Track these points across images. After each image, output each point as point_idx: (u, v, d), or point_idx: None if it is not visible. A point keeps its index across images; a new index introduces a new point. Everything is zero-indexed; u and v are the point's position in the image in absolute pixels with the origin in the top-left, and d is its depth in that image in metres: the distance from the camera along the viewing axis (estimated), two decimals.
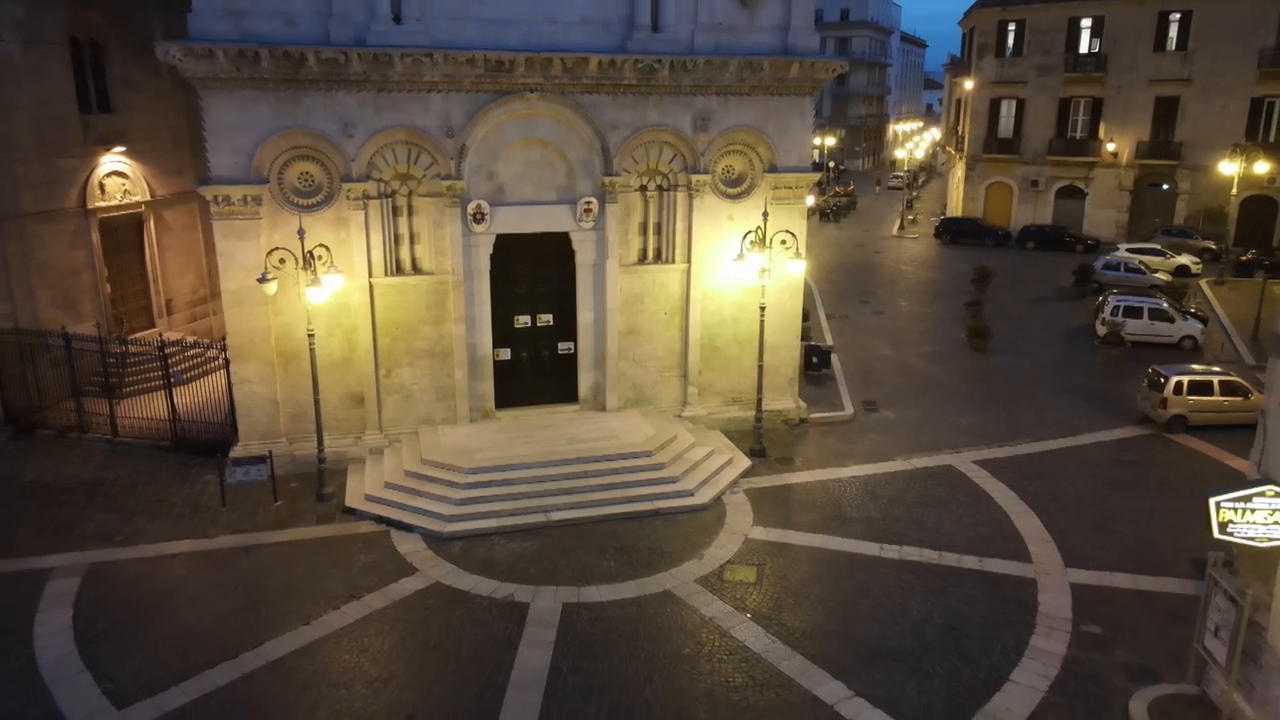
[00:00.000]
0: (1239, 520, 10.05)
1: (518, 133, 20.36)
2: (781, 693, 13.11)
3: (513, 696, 12.91)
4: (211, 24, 18.00)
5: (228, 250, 19.10)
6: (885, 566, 16.68)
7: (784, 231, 20.98)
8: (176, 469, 20.54)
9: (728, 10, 20.90)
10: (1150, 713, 12.59)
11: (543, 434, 20.84)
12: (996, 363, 28.95)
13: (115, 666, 13.49)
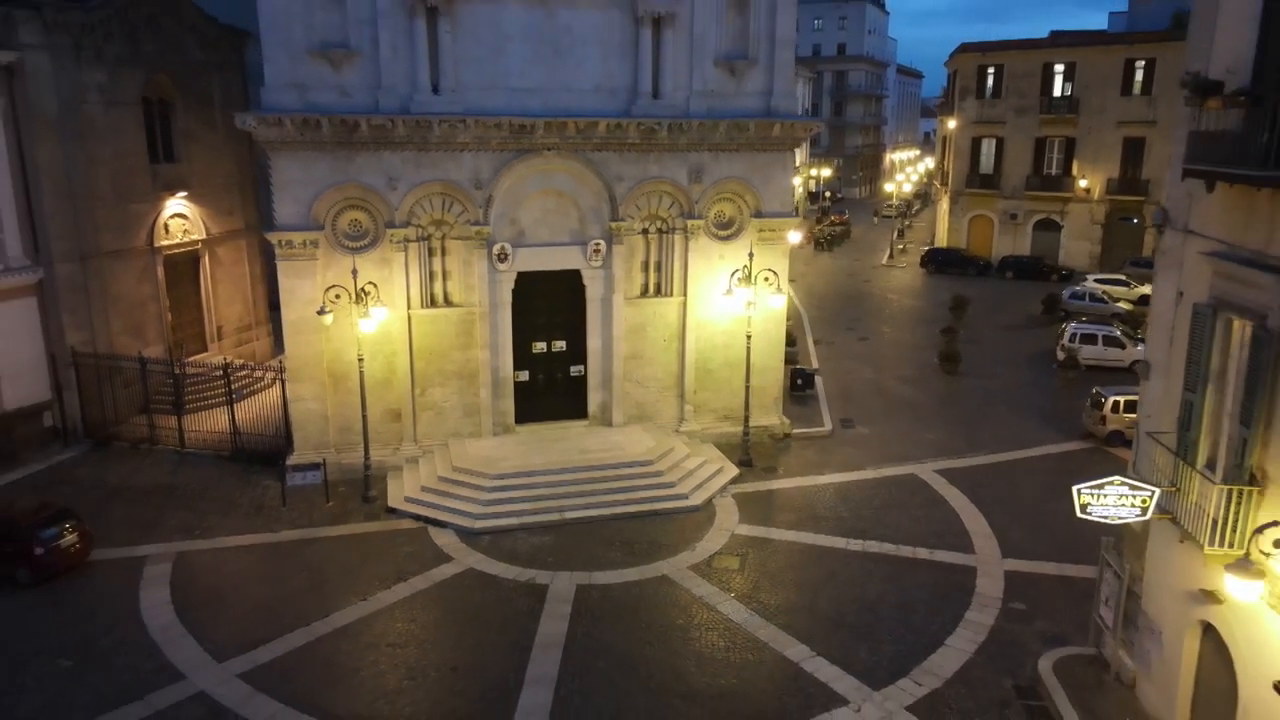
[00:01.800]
0: (1095, 503, 12.97)
1: (537, 185, 23.59)
2: (757, 654, 16.05)
3: (537, 654, 15.86)
4: (280, 96, 21.27)
5: (289, 286, 22.26)
6: (850, 557, 19.64)
7: (767, 270, 24.14)
8: (238, 475, 23.60)
9: (718, 79, 24.17)
10: (1055, 669, 15.50)
11: (557, 445, 23.88)
12: (964, 384, 31.98)
13: (211, 631, 16.48)
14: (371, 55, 21.73)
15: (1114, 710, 14.28)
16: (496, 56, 22.58)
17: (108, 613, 17.13)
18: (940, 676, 15.38)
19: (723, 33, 24.01)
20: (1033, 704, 14.67)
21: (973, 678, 15.36)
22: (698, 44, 23.71)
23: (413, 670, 15.52)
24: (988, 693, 14.95)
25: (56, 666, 15.42)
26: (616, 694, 14.85)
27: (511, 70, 22.73)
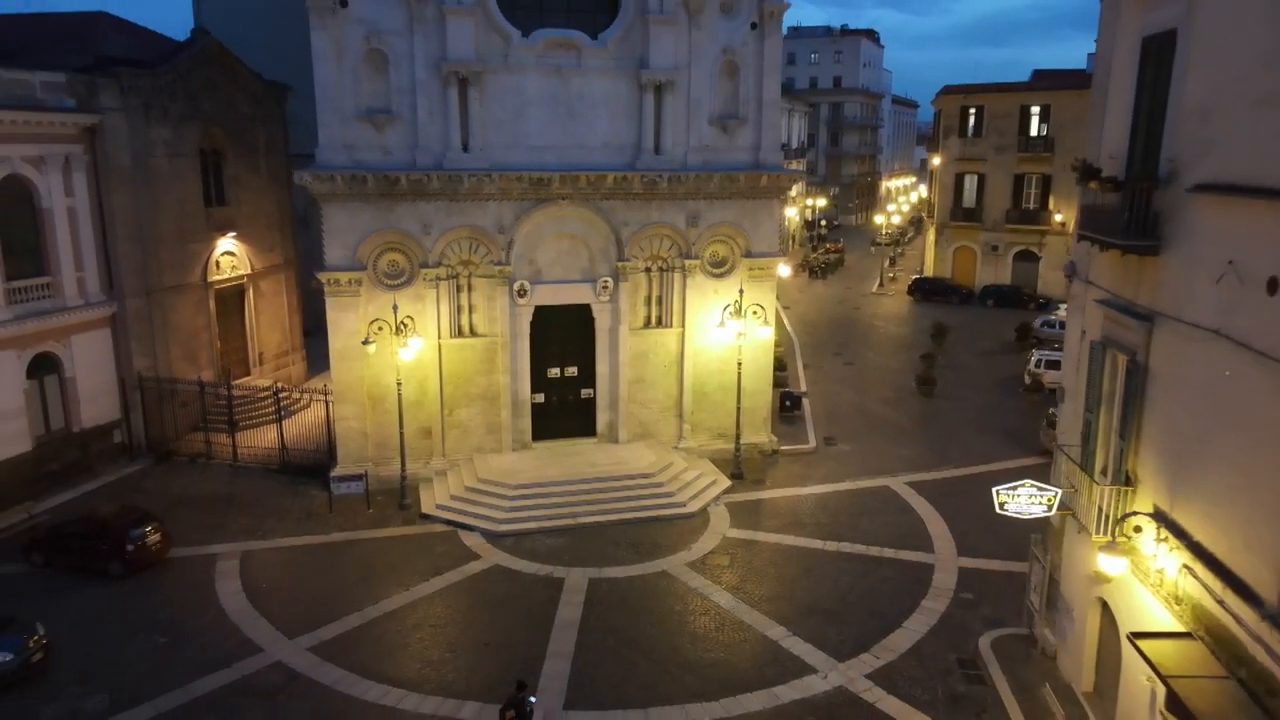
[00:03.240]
0: (1011, 501, 15.91)
1: (552, 229, 26.79)
2: (742, 633, 18.99)
3: (556, 633, 18.81)
4: (332, 155, 24.52)
5: (335, 319, 25.39)
6: (826, 556, 22.61)
7: (756, 304, 27.28)
8: (287, 486, 26.62)
9: (713, 136, 27.42)
10: (992, 646, 18.44)
11: (570, 460, 26.91)
12: (938, 406, 35.00)
13: (280, 614, 19.45)
14: (410, 119, 24.99)
15: (1036, 678, 17.20)
16: (518, 119, 25.86)
17: (190, 599, 20.13)
18: (896, 651, 18.31)
19: (716, 96, 27.29)
20: (971, 673, 17.59)
21: (923, 653, 18.30)
22: (694, 106, 26.99)
23: (451, 645, 18.48)
24: (935, 664, 17.88)
25: (154, 642, 18.40)
26: (623, 665, 17.78)
27: (531, 131, 26.00)
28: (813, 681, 17.27)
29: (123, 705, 16.33)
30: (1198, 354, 12.25)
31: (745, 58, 27.21)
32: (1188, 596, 12.31)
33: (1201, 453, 12.25)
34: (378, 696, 16.68)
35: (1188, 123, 12.86)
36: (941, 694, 16.94)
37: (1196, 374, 12.34)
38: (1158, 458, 13.58)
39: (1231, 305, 11.47)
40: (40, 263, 25.18)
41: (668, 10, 25.93)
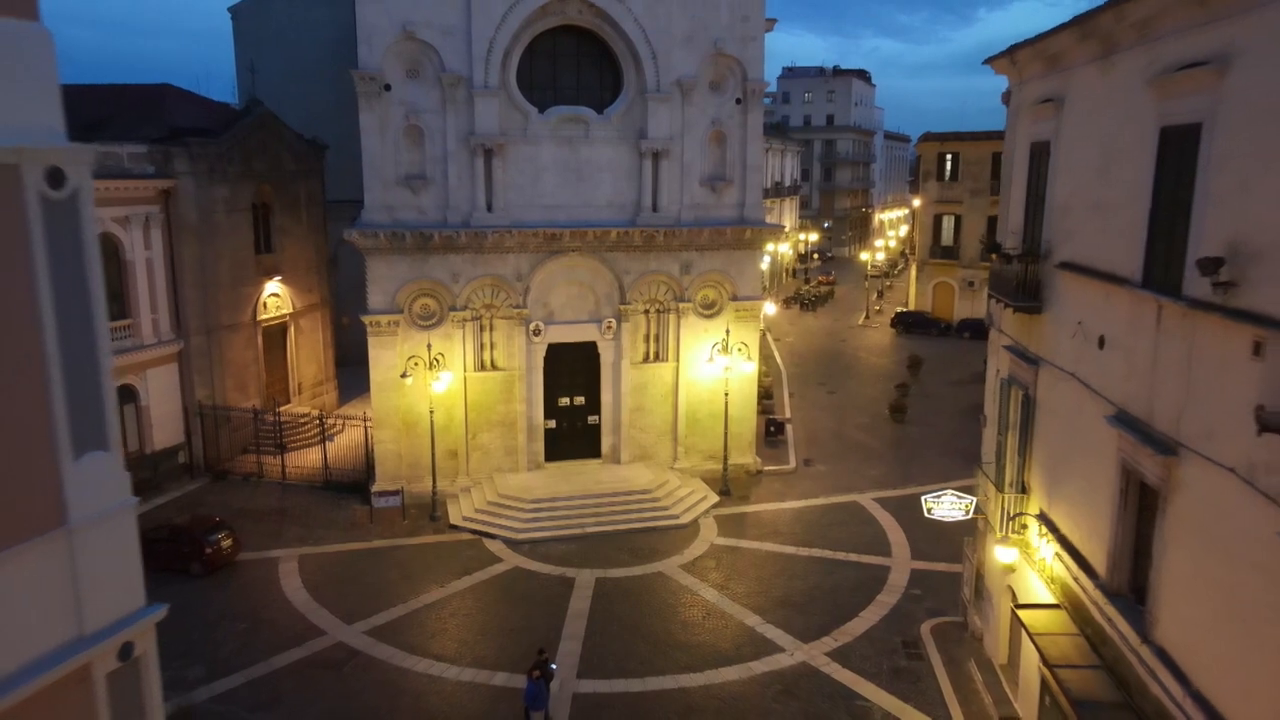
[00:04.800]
0: (936, 507, 19.68)
1: (563, 277, 30.80)
2: (724, 621, 22.72)
3: (569, 621, 22.55)
4: (375, 215, 28.59)
5: (376, 356, 29.31)
6: (798, 559, 26.36)
7: (741, 342, 31.24)
8: (331, 500, 30.42)
9: (703, 195, 31.51)
10: (931, 631, 22.18)
11: (578, 478, 30.73)
12: (908, 431, 38.84)
13: (338, 605, 23.21)
14: (442, 184, 29.09)
15: (964, 654, 20.93)
16: (535, 183, 29.97)
17: (260, 594, 23.89)
18: (852, 635, 22.05)
19: (706, 161, 31.43)
20: (912, 652, 21.31)
21: (874, 636, 22.03)
22: (687, 170, 31.11)
23: (482, 629, 22.23)
24: (883, 645, 21.60)
25: (235, 627, 22.15)
26: (625, 645, 21.51)
27: (546, 192, 30.11)
28: (781, 658, 20.99)
29: (218, 674, 20.07)
30: (1063, 391, 16.16)
31: (731, 128, 31.38)
32: (1058, 577, 16.12)
33: (1065, 466, 16.13)
34: (424, 668, 20.43)
35: (1055, 215, 16.90)
36: (886, 668, 20.65)
37: (1062, 406, 16.24)
38: (1041, 471, 17.45)
39: (1080, 355, 15.40)
40: (124, 307, 29.18)
41: (664, 90, 30.12)
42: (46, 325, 6.32)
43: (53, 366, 6.36)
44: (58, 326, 6.40)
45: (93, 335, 6.69)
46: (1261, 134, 10.21)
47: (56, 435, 6.48)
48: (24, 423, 6.27)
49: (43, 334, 6.31)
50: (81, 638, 6.80)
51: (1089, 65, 15.43)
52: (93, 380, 6.67)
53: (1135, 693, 12.82)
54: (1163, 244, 12.55)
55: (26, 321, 6.20)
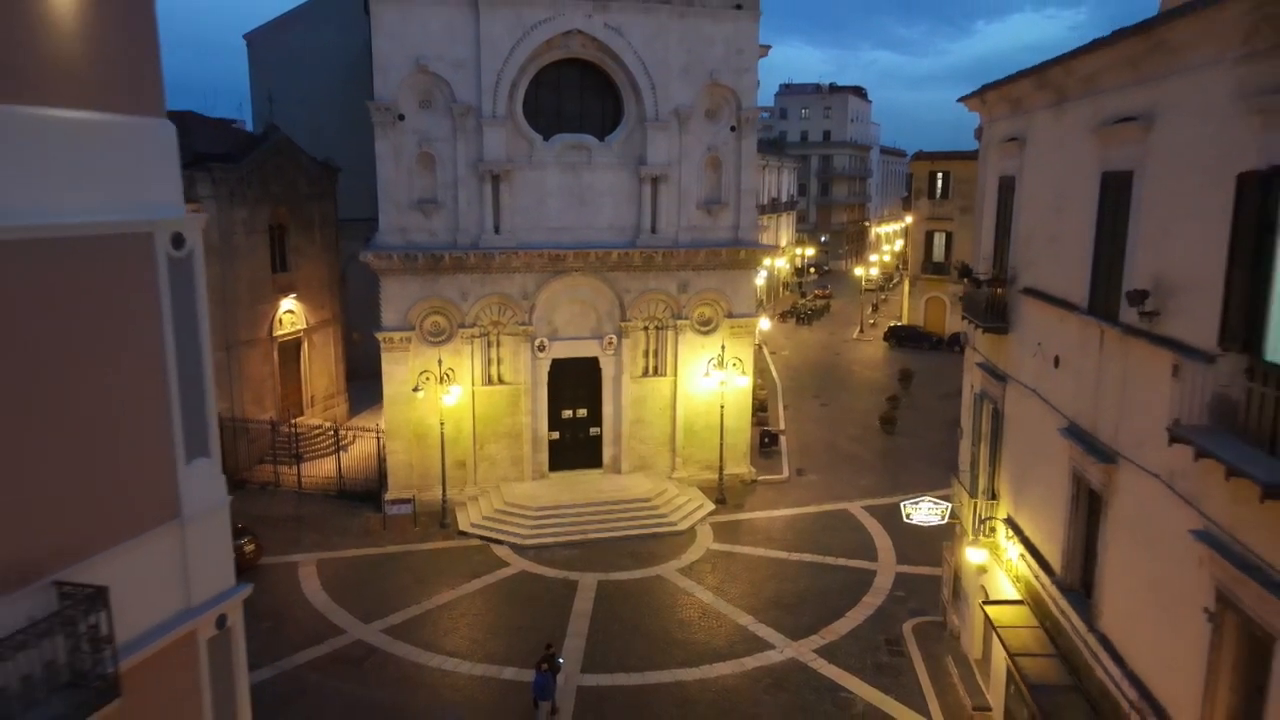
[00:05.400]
0: (915, 513, 21.18)
1: (567, 295, 32.39)
2: (719, 621, 24.19)
3: (573, 620, 24.02)
4: (389, 238, 30.20)
5: (389, 370, 30.84)
6: (789, 564, 27.84)
7: (735, 357, 32.80)
8: (345, 508, 31.90)
9: (699, 218, 33.13)
10: (913, 629, 23.66)
11: (580, 487, 32.22)
12: (897, 442, 40.36)
13: (356, 606, 24.67)
14: (452, 208, 30.70)
15: (942, 651, 22.40)
16: (539, 206, 31.59)
17: (283, 596, 25.35)
18: (838, 634, 23.52)
19: (702, 185, 33.07)
20: (894, 649, 22.78)
21: (859, 634, 23.50)
22: (684, 194, 32.74)
23: (492, 628, 23.70)
24: (868, 643, 23.07)
25: (261, 626, 23.56)
26: (626, 642, 22.98)
27: (550, 215, 31.72)
28: (772, 655, 22.45)
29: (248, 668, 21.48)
30: (1027, 405, 17.71)
31: (726, 154, 33.04)
32: (1022, 575, 17.62)
33: (1029, 474, 17.66)
34: (438, 664, 21.89)
35: (1019, 244, 18.49)
36: (870, 664, 22.12)
37: (1026, 419, 17.79)
38: (1009, 478, 18.98)
39: (1039, 373, 16.96)
40: None
41: (662, 118, 31.78)
42: (169, 355, 7.86)
43: (173, 388, 7.88)
44: (178, 357, 7.93)
45: (201, 363, 8.22)
46: (1176, 185, 11.81)
47: (175, 444, 7.99)
48: (152, 433, 7.76)
49: (167, 362, 7.84)
50: (189, 609, 8.29)
51: (1046, 110, 17.06)
52: (201, 399, 8.18)
53: (1083, 676, 14.32)
54: (1104, 275, 14.13)
55: (157, 353, 7.72)
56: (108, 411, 7.57)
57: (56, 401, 7.11)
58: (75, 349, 7.22)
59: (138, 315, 7.69)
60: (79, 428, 7.34)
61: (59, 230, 6.82)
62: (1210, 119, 10.98)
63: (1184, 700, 11.24)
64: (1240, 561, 9.92)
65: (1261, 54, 9.91)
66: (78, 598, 6.86)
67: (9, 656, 6.35)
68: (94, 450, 7.47)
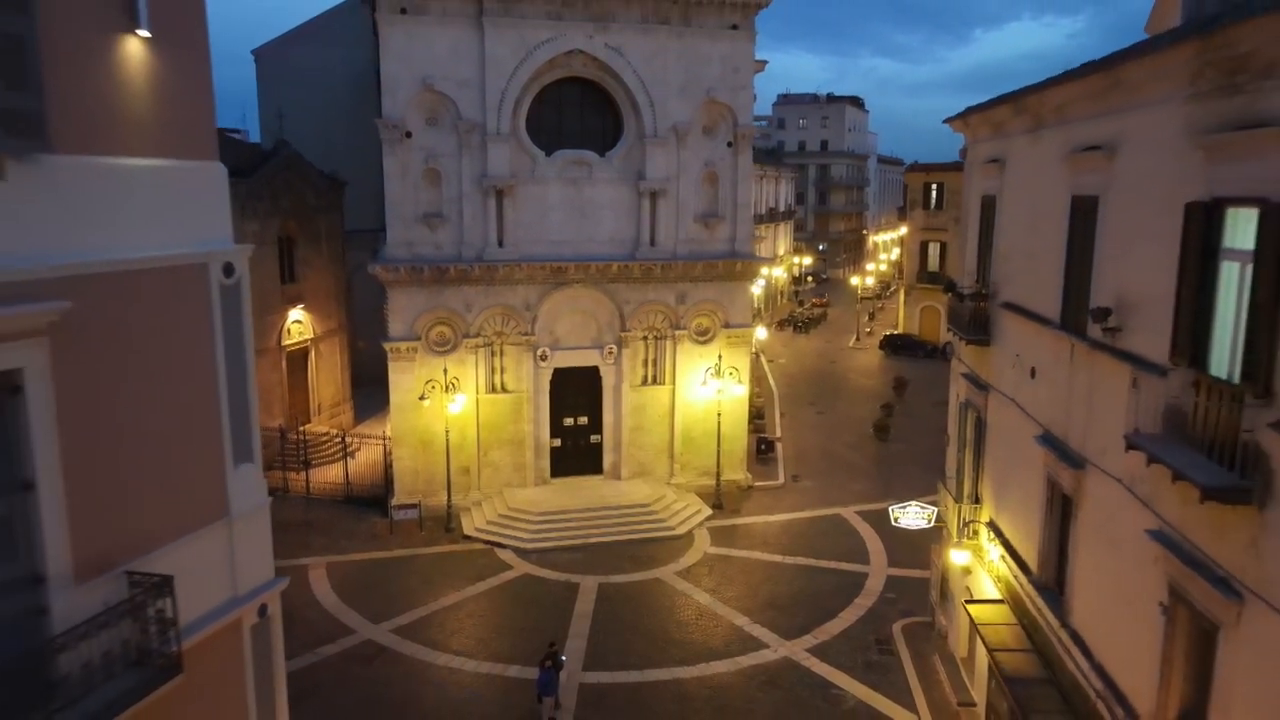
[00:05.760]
0: (903, 517, 22.08)
1: (568, 306, 33.35)
2: (716, 621, 25.09)
3: (575, 621, 24.90)
4: (396, 251, 31.16)
5: (396, 379, 31.77)
6: (784, 567, 28.74)
7: (732, 366, 33.77)
8: (353, 513, 32.80)
9: (697, 231, 34.12)
10: (902, 629, 24.56)
11: (581, 493, 33.13)
12: (891, 449, 41.29)
13: (365, 607, 25.56)
14: (457, 222, 31.68)
15: (930, 650, 23.30)
16: (541, 220, 32.58)
17: (294, 597, 26.18)
18: (830, 634, 24.42)
19: (699, 199, 34.07)
20: (884, 649, 23.68)
21: (851, 634, 24.39)
22: (682, 208, 33.73)
23: (497, 629, 24.59)
24: (858, 642, 23.97)
25: None
26: (626, 642, 23.87)
27: (552, 229, 32.71)
28: (766, 653, 23.35)
29: None
30: (1007, 414, 18.65)
31: (723, 169, 34.04)
32: (1002, 575, 18.54)
33: (1009, 479, 18.59)
34: (445, 662, 22.78)
35: (999, 260, 19.46)
36: (860, 662, 23.02)
37: (1006, 427, 18.72)
38: (991, 483, 19.91)
39: (1018, 383, 17.90)
40: None
41: (661, 135, 32.79)
42: (220, 371, 8.78)
43: (223, 400, 8.79)
44: (227, 372, 8.85)
45: (247, 377, 9.15)
46: (1135, 211, 12.79)
47: (224, 450, 8.90)
48: (206, 440, 8.68)
49: (218, 377, 8.76)
50: (235, 598, 9.19)
51: (1023, 135, 18.05)
52: (246, 409, 9.10)
53: (1056, 669, 15.23)
54: (1074, 292, 15.10)
55: (210, 368, 8.65)
56: (170, 421, 8.50)
57: (129, 412, 8.04)
58: (144, 366, 8.16)
59: (194, 336, 8.62)
60: (147, 435, 8.27)
61: (132, 264, 7.76)
62: (1163, 151, 11.95)
63: (1143, 689, 12.16)
64: (1188, 558, 10.86)
65: (1205, 94, 10.89)
66: (146, 585, 7.77)
67: (93, 635, 7.27)
68: (159, 455, 8.39)
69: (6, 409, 6.79)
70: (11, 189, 6.53)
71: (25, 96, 6.45)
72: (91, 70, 7.22)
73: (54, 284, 6.89)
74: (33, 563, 7.02)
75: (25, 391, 6.78)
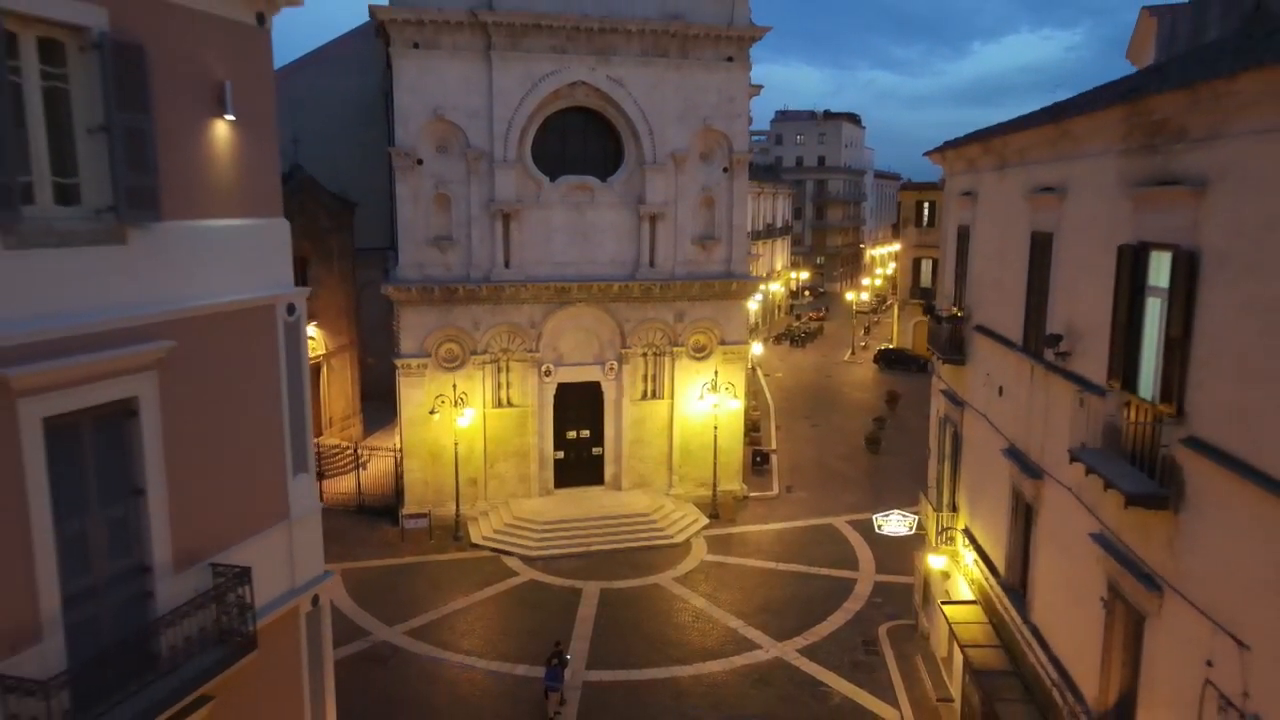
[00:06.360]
0: (885, 524, 23.57)
1: (571, 325, 34.92)
2: (711, 624, 26.53)
3: (578, 624, 26.33)
4: (408, 272, 32.75)
5: (406, 394, 33.30)
6: (777, 573, 30.19)
7: (728, 382, 35.31)
8: (365, 523, 34.25)
9: (694, 252, 35.73)
10: (888, 631, 26.01)
11: (584, 503, 34.61)
12: (882, 461, 42.78)
13: (379, 610, 27.00)
14: (465, 244, 33.28)
15: (913, 650, 24.75)
16: (546, 242, 34.18)
17: None
18: (820, 635, 25.87)
19: (697, 222, 35.69)
20: (870, 649, 25.12)
21: (839, 636, 25.84)
22: (680, 230, 35.35)
23: (504, 631, 26.04)
24: (846, 643, 25.41)
25: None
26: (626, 643, 25.31)
27: (555, 250, 34.31)
28: (758, 654, 24.79)
29: None
30: (979, 428, 20.17)
31: (719, 193, 35.69)
32: (975, 578, 20.03)
33: (981, 489, 20.10)
34: (457, 661, 24.22)
35: (973, 286, 21.04)
36: (848, 662, 24.46)
37: (979, 441, 20.24)
38: (966, 492, 21.42)
39: (988, 400, 19.44)
40: None
41: (660, 161, 34.45)
42: (284, 396, 10.29)
43: (286, 418, 10.29)
44: (289, 394, 10.35)
45: (304, 399, 10.65)
46: (1081, 249, 14.36)
47: (286, 461, 10.38)
48: (272, 453, 10.17)
49: (282, 398, 10.26)
50: (293, 589, 10.65)
51: (992, 172, 19.65)
52: (303, 426, 10.60)
53: (1019, 662, 16.71)
54: (1033, 319, 16.66)
55: (276, 391, 10.16)
56: (245, 436, 10.04)
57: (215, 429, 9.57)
58: (226, 391, 9.69)
59: (263, 365, 10.14)
60: (228, 449, 9.80)
61: (218, 308, 9.30)
62: (1102, 198, 13.54)
63: (1089, 675, 13.65)
64: (1122, 558, 12.37)
65: (1134, 151, 12.48)
66: (229, 575, 9.24)
67: (188, 616, 8.74)
68: (236, 465, 9.91)
69: (124, 429, 8.30)
70: (130, 251, 8.06)
71: (144, 176, 7.97)
72: (191, 150, 8.73)
73: (161, 326, 8.41)
74: (141, 555, 8.51)
75: (139, 415, 8.31)
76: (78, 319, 7.58)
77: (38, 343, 7.19)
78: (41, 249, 7.26)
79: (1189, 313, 10.81)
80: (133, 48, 7.81)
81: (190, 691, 8.43)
